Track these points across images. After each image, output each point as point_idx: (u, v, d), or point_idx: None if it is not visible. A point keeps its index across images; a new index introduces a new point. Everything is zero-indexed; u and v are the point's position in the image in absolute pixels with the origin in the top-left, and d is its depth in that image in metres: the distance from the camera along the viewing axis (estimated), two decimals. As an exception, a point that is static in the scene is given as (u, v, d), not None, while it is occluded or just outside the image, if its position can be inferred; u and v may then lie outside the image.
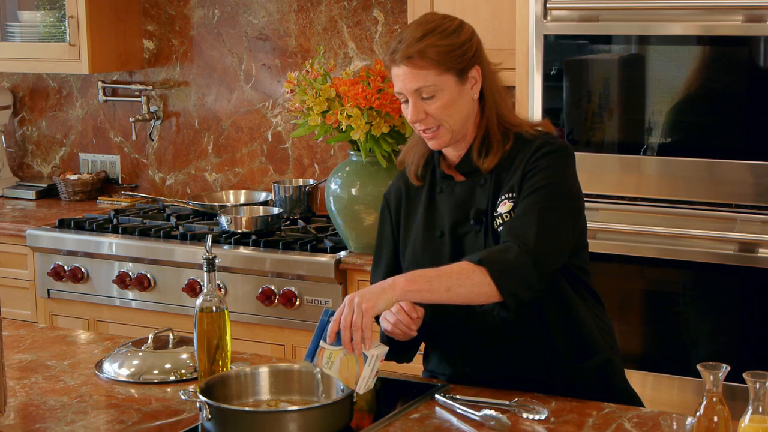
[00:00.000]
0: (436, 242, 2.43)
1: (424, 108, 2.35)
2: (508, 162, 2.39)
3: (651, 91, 3.23)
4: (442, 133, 2.38)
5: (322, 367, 2.19)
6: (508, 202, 2.35)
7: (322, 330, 2.20)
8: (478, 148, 2.40)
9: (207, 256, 2.34)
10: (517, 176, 2.36)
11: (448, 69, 2.33)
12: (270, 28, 4.46)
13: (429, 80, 2.32)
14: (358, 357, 2.17)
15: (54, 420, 2.30)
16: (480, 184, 2.41)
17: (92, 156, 4.94)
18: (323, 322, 2.20)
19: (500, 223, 2.35)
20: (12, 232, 4.25)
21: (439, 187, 2.47)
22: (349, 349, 2.16)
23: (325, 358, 2.19)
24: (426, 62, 2.32)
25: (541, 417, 2.24)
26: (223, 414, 2.13)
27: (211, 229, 4.07)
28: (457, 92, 2.35)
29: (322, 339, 2.20)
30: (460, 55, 2.34)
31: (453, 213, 2.43)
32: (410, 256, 2.47)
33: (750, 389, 1.91)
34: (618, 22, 3.26)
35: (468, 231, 2.41)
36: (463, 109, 2.37)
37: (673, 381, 3.26)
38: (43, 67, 4.67)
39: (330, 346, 2.19)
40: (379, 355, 2.19)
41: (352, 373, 2.18)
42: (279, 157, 4.52)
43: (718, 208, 3.17)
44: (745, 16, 3.07)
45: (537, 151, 2.36)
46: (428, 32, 2.33)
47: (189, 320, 2.91)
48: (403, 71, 2.34)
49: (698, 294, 3.26)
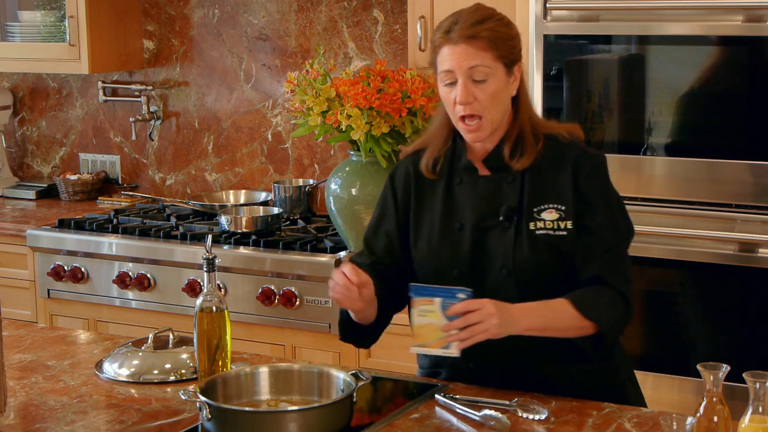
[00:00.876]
0: (456, 235, 2.42)
1: (474, 92, 2.34)
2: (542, 164, 2.40)
3: (651, 91, 3.23)
4: (484, 125, 2.37)
5: (416, 306, 2.23)
6: (555, 212, 2.37)
7: (447, 294, 2.22)
8: (512, 147, 2.40)
9: (207, 256, 2.34)
10: (565, 188, 2.38)
11: (501, 57, 2.34)
12: (270, 28, 4.46)
13: (486, 61, 2.33)
14: (444, 339, 2.21)
15: (54, 420, 2.30)
16: (508, 181, 2.41)
17: (92, 156, 4.94)
18: (453, 292, 2.22)
19: (542, 227, 2.36)
20: (12, 232, 4.25)
21: (458, 178, 2.45)
22: (447, 334, 2.22)
23: (425, 306, 2.22)
24: (485, 44, 2.32)
25: (541, 417, 2.24)
26: (223, 414, 2.13)
27: (211, 229, 4.07)
28: (504, 83, 2.36)
29: (442, 298, 2.22)
30: (512, 47, 2.37)
31: (477, 207, 2.42)
32: (426, 246, 2.45)
33: (750, 389, 1.91)
34: (618, 22, 3.26)
35: (493, 226, 2.40)
36: (504, 103, 2.39)
37: (673, 381, 3.26)
38: (43, 67, 4.67)
39: (440, 311, 2.21)
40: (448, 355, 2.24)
41: (426, 337, 2.23)
42: (279, 157, 4.52)
43: (718, 208, 3.17)
44: (745, 16, 3.07)
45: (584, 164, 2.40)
46: (487, 17, 2.36)
47: (189, 320, 2.91)
48: (460, 49, 2.33)
49: (698, 294, 3.26)
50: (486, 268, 2.39)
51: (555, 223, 2.37)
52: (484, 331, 2.22)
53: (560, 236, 2.37)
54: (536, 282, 2.36)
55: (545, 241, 2.36)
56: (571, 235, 2.37)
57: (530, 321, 2.28)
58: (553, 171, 2.40)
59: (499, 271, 2.37)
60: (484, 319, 2.22)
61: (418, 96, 3.50)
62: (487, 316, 2.22)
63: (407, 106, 3.51)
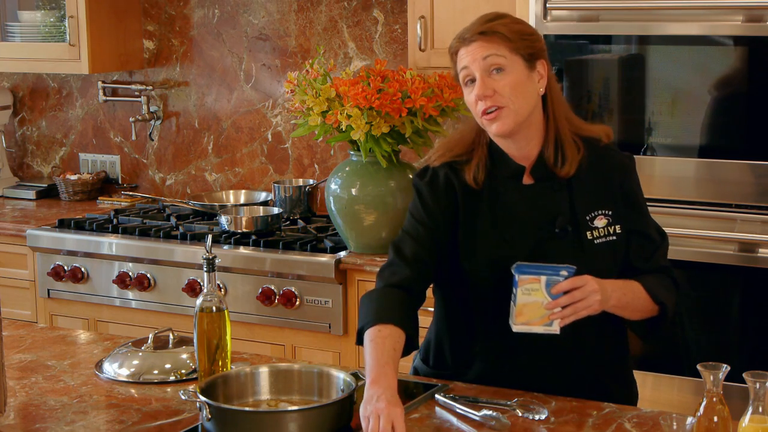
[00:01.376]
0: (508, 245, 2.39)
1: (492, 84, 2.33)
2: (586, 170, 2.40)
3: (651, 91, 3.23)
4: (505, 113, 2.34)
5: (522, 285, 2.23)
6: (604, 218, 2.40)
7: (552, 271, 2.24)
8: (553, 153, 2.39)
9: (207, 256, 2.34)
10: (611, 194, 2.41)
11: (518, 50, 2.33)
12: (270, 28, 4.46)
13: (500, 51, 2.32)
14: (547, 317, 2.23)
15: (54, 420, 2.30)
16: (555, 189, 2.40)
17: (92, 156, 4.94)
18: (557, 270, 2.23)
19: (597, 236, 2.38)
20: (12, 232, 4.25)
21: (502, 188, 2.42)
22: (552, 312, 2.23)
23: (530, 285, 2.23)
24: (498, 37, 2.33)
25: (541, 417, 2.24)
26: (223, 414, 2.13)
27: (211, 229, 4.07)
28: (524, 75, 2.34)
29: (547, 276, 2.23)
30: (531, 42, 2.36)
31: (527, 217, 2.40)
32: (481, 261, 2.40)
33: (750, 389, 1.91)
34: (618, 22, 3.26)
35: (549, 237, 2.38)
36: (528, 96, 2.36)
37: (673, 381, 3.26)
38: (43, 67, 4.67)
39: (544, 289, 2.23)
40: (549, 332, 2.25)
41: (529, 315, 2.24)
42: (279, 157, 4.52)
43: (718, 208, 3.17)
44: (745, 16, 3.07)
45: (627, 169, 2.45)
46: (500, 16, 2.37)
47: (189, 320, 2.91)
48: (474, 45, 2.34)
49: (698, 294, 3.26)
50: None
51: (606, 229, 2.39)
52: (587, 307, 2.25)
53: (612, 242, 2.40)
54: None
55: (602, 249, 2.39)
56: (620, 239, 2.40)
57: (618, 297, 2.33)
58: (598, 177, 2.41)
59: None
60: (587, 295, 2.24)
61: (418, 96, 3.50)
62: (590, 293, 2.24)
63: (407, 106, 3.50)
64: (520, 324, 2.26)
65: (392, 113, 3.50)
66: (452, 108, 3.61)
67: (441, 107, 3.57)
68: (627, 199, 2.43)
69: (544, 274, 2.24)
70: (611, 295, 2.31)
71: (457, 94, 3.60)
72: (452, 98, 3.57)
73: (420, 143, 3.62)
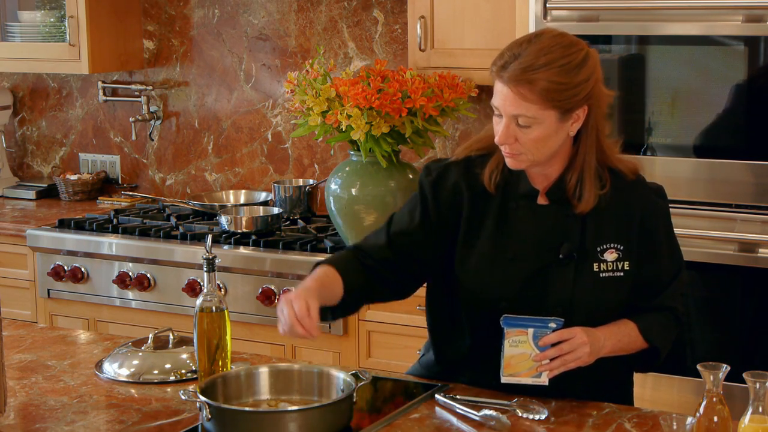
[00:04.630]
0: (507, 263, 2.35)
1: (516, 134, 2.25)
2: (608, 203, 2.34)
3: (651, 91, 3.23)
4: (523, 159, 2.29)
5: (509, 337, 2.25)
6: (615, 252, 2.34)
7: (540, 324, 2.25)
8: (574, 186, 2.32)
9: (207, 256, 2.34)
10: (628, 230, 2.35)
11: (554, 106, 2.22)
12: (270, 28, 4.46)
13: (530, 112, 2.22)
14: (535, 368, 2.25)
15: (54, 420, 2.30)
16: (568, 215, 2.34)
17: (92, 156, 4.94)
18: (545, 322, 2.25)
19: (605, 269, 2.34)
20: (12, 232, 4.25)
21: (514, 203, 2.37)
22: (540, 364, 2.25)
23: (518, 337, 2.25)
24: (533, 95, 2.20)
25: (541, 417, 2.24)
26: (223, 414, 2.13)
27: (211, 229, 4.07)
28: (554, 129, 2.25)
29: (535, 329, 2.25)
30: (572, 96, 2.23)
31: (533, 238, 2.35)
32: (474, 270, 2.37)
33: (750, 389, 1.91)
34: (618, 22, 3.26)
35: (552, 262, 2.34)
36: (554, 145, 2.28)
37: (673, 381, 3.26)
38: (43, 67, 4.67)
39: (531, 341, 2.25)
40: (538, 384, 2.27)
41: (517, 367, 2.26)
42: (279, 157, 4.52)
43: (718, 208, 3.17)
44: (745, 16, 3.07)
45: (653, 207, 2.40)
46: (548, 63, 2.20)
47: (189, 320, 2.91)
48: (507, 92, 2.22)
49: (698, 294, 3.26)
50: (537, 303, 2.34)
51: (615, 264, 2.35)
52: (576, 359, 2.25)
53: (619, 277, 2.35)
54: (589, 320, 2.33)
55: (607, 284, 2.35)
56: (627, 276, 2.36)
57: (612, 344, 2.32)
58: (617, 212, 2.35)
59: (553, 309, 2.33)
60: (576, 348, 2.24)
61: (418, 96, 3.50)
62: (579, 345, 2.24)
63: (407, 106, 3.50)
64: (507, 375, 2.27)
65: (392, 113, 3.50)
66: (452, 108, 3.61)
67: (441, 107, 3.57)
68: (645, 237, 2.37)
69: (532, 326, 2.26)
70: (604, 344, 2.30)
71: (457, 94, 3.60)
72: (452, 98, 3.58)
73: (420, 143, 3.62)
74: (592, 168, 2.32)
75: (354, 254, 2.44)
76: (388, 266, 2.41)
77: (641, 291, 2.39)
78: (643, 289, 2.39)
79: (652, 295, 2.40)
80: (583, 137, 2.31)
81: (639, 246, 2.36)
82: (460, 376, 2.46)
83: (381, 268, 2.41)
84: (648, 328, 2.37)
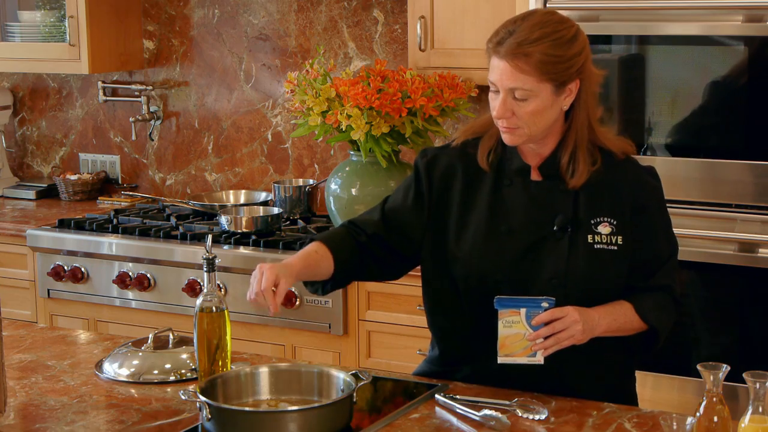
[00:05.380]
0: (502, 238, 2.39)
1: (513, 108, 2.31)
2: (597, 178, 2.38)
3: (651, 91, 3.23)
4: (519, 133, 2.34)
5: (502, 318, 2.26)
6: (608, 226, 2.37)
7: (532, 304, 2.26)
8: (567, 159, 2.37)
9: (207, 256, 2.34)
10: (621, 205, 2.38)
11: (549, 79, 2.29)
12: (270, 28, 4.46)
13: (526, 85, 2.28)
14: (530, 348, 2.26)
15: (54, 420, 2.30)
16: (561, 190, 2.39)
17: (92, 156, 4.94)
18: (537, 302, 2.25)
19: (599, 241, 2.36)
20: (12, 232, 4.25)
21: (508, 179, 2.43)
22: (533, 343, 2.25)
23: (511, 318, 2.26)
24: (529, 67, 2.27)
25: (541, 417, 2.24)
26: (223, 414, 2.13)
27: (211, 229, 4.07)
28: (549, 102, 2.31)
29: (527, 308, 2.26)
30: (566, 68, 2.30)
31: (527, 212, 2.40)
32: (469, 247, 2.41)
33: (750, 389, 1.91)
34: (618, 22, 3.26)
35: (546, 236, 2.38)
36: (549, 119, 2.34)
37: (673, 381, 3.26)
38: (43, 67, 4.67)
39: (525, 321, 2.25)
40: (533, 363, 2.28)
41: (512, 347, 2.27)
42: (279, 157, 4.52)
43: (718, 208, 3.17)
44: (745, 16, 3.07)
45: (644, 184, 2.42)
46: (542, 37, 2.28)
47: (189, 320, 2.91)
48: (504, 66, 2.29)
49: (698, 294, 3.26)
50: (532, 276, 2.37)
51: (609, 237, 2.37)
52: (569, 337, 2.26)
53: (612, 251, 2.38)
54: (585, 294, 2.36)
55: (601, 255, 2.37)
56: (621, 251, 2.38)
57: (608, 323, 2.33)
58: (609, 186, 2.39)
59: (548, 282, 2.36)
60: (569, 326, 2.25)
61: (418, 96, 3.50)
62: (571, 323, 2.25)
63: (407, 106, 3.51)
64: (503, 356, 2.28)
65: (392, 113, 3.50)
66: (452, 108, 3.61)
67: (441, 107, 3.57)
68: (638, 215, 2.40)
69: (525, 306, 2.27)
70: (599, 323, 2.31)
71: (456, 94, 3.60)
72: (452, 98, 3.58)
73: (420, 143, 3.62)
74: (584, 144, 2.38)
75: (347, 230, 2.50)
76: (379, 242, 2.48)
77: (637, 270, 2.40)
78: (639, 267, 2.40)
79: (648, 274, 2.41)
80: (575, 113, 2.37)
81: (633, 223, 2.39)
82: (464, 366, 2.48)
83: (372, 245, 2.48)
84: (644, 308, 2.38)
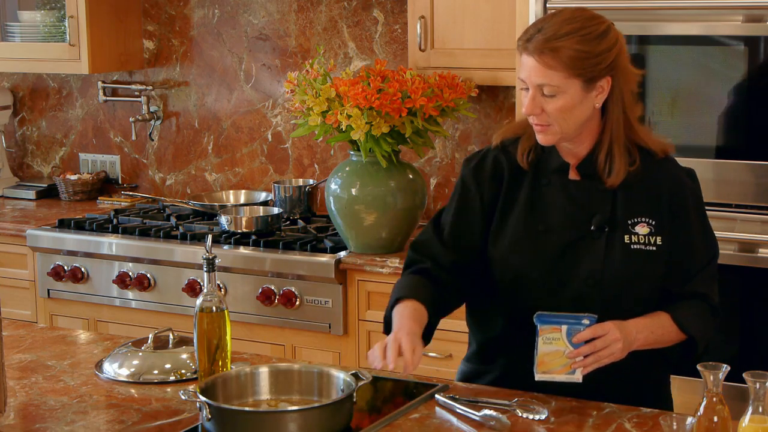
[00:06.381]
0: (539, 237, 2.38)
1: (542, 104, 2.30)
2: (637, 178, 2.36)
3: (651, 91, 3.23)
4: (551, 131, 2.33)
5: (543, 335, 2.24)
6: (646, 227, 2.36)
7: (574, 321, 2.24)
8: (604, 158, 2.36)
9: (207, 256, 2.34)
10: (659, 206, 2.37)
11: (578, 75, 2.28)
12: (270, 28, 4.46)
13: (554, 81, 2.27)
14: (569, 365, 2.24)
15: (54, 420, 2.30)
16: (599, 190, 2.37)
17: (92, 156, 4.94)
18: (579, 319, 2.24)
19: (636, 242, 2.35)
20: (12, 232, 4.25)
21: (546, 178, 2.42)
22: (573, 361, 2.23)
23: (552, 334, 2.24)
24: (556, 63, 2.26)
25: (541, 417, 2.24)
26: (223, 414, 2.13)
27: (211, 229, 4.07)
28: (579, 98, 2.30)
29: (569, 325, 2.24)
30: (594, 64, 2.28)
31: (565, 212, 2.39)
32: (506, 246, 2.40)
33: (750, 389, 1.91)
34: (618, 22, 3.23)
35: (583, 236, 2.37)
36: (580, 116, 2.32)
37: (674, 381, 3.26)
38: (43, 67, 4.67)
39: (565, 338, 2.24)
40: (571, 381, 2.26)
41: (550, 364, 2.25)
42: (279, 157, 4.52)
43: (718, 208, 3.17)
44: (745, 16, 3.07)
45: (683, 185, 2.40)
46: (570, 32, 2.27)
47: (189, 320, 2.91)
48: (532, 63, 2.28)
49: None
50: (569, 276, 2.36)
51: (647, 238, 2.36)
52: (610, 355, 2.25)
53: (650, 251, 2.36)
54: (622, 295, 2.35)
55: (638, 256, 2.36)
56: (660, 252, 2.36)
57: (645, 337, 2.32)
58: (647, 186, 2.37)
59: (584, 282, 2.35)
60: (609, 344, 2.24)
61: (418, 96, 3.50)
62: (612, 341, 2.24)
63: (407, 106, 3.50)
64: (541, 373, 2.26)
65: (392, 113, 3.50)
66: (452, 108, 3.61)
67: (441, 107, 3.57)
68: (675, 215, 2.38)
69: (566, 323, 2.25)
70: (636, 337, 2.29)
71: (457, 94, 3.60)
72: (452, 98, 3.58)
73: (420, 143, 3.62)
74: (620, 143, 2.36)
75: (426, 278, 2.45)
76: (457, 270, 2.45)
77: (673, 273, 2.39)
78: (675, 270, 2.39)
79: (684, 278, 2.39)
80: (610, 111, 2.35)
81: (670, 224, 2.38)
82: (497, 360, 2.48)
83: (451, 277, 2.45)
84: (682, 317, 2.36)
